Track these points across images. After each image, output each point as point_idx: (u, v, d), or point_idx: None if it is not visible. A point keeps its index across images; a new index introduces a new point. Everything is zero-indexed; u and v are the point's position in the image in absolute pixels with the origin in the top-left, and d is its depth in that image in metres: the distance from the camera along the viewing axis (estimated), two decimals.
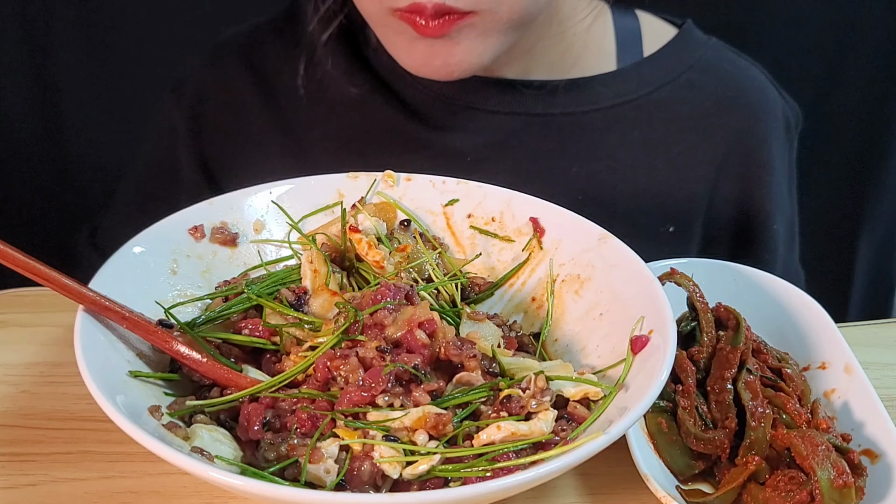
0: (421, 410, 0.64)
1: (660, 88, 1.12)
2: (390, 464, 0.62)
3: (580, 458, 0.57)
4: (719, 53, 1.18)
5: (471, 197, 0.88)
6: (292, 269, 0.80)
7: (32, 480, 0.70)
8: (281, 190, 0.87)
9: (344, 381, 0.66)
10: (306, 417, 0.65)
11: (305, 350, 0.71)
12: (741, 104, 1.14)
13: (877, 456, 0.71)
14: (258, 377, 0.70)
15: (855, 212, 1.60)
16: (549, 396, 0.67)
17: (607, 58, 1.15)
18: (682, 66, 1.14)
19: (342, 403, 0.65)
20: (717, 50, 1.18)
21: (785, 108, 1.19)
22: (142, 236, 0.77)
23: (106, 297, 0.68)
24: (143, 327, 0.69)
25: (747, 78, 1.18)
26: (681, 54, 1.15)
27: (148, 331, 0.69)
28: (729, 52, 1.19)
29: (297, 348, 0.72)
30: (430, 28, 0.93)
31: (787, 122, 1.19)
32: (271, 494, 0.55)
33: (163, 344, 0.69)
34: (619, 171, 1.11)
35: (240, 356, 0.73)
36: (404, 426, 0.63)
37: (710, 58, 1.16)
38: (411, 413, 0.63)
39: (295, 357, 0.71)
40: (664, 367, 0.64)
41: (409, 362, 0.66)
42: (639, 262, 0.76)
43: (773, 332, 0.83)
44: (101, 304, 0.67)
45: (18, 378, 0.80)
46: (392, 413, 0.64)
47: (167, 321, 0.72)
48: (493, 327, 0.75)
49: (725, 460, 0.71)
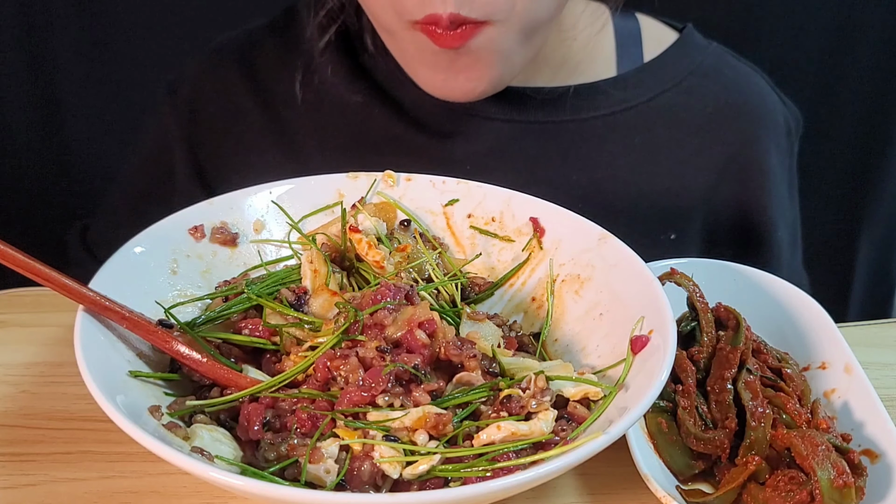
0: (421, 410, 0.64)
1: (661, 94, 1.12)
2: (390, 464, 0.61)
3: (580, 458, 0.57)
4: (720, 59, 1.17)
5: (471, 197, 0.88)
6: (292, 269, 0.80)
7: (32, 480, 0.70)
8: (281, 190, 0.87)
9: (344, 381, 0.66)
10: (306, 417, 0.65)
11: (305, 350, 0.71)
12: (742, 110, 1.14)
13: (877, 456, 0.71)
14: (258, 377, 0.70)
15: (855, 212, 1.61)
16: (549, 396, 0.67)
17: (607, 62, 1.15)
18: (683, 71, 1.14)
19: (342, 403, 0.65)
20: (717, 55, 1.17)
21: (786, 113, 1.19)
22: (142, 236, 0.77)
23: (106, 298, 0.68)
24: (143, 327, 0.69)
25: (748, 84, 1.18)
26: (682, 59, 1.15)
27: (148, 331, 0.69)
28: (730, 57, 1.19)
29: (297, 348, 0.72)
30: (447, 38, 0.92)
31: (787, 128, 1.19)
32: (271, 494, 0.55)
33: (163, 344, 0.69)
34: (620, 179, 1.10)
35: (240, 356, 0.73)
36: (404, 426, 0.63)
37: (710, 63, 1.16)
38: (411, 413, 0.63)
39: (295, 357, 0.71)
40: (664, 366, 0.64)
41: (410, 362, 0.66)
42: (639, 261, 0.76)
43: (773, 332, 0.83)
44: (101, 304, 0.67)
45: (18, 378, 0.80)
46: (392, 413, 0.64)
47: (167, 321, 0.72)
48: (493, 327, 0.75)
49: (725, 460, 0.71)
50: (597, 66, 1.14)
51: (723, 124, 1.13)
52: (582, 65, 1.13)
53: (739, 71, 1.18)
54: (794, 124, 1.20)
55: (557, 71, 1.12)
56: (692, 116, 1.12)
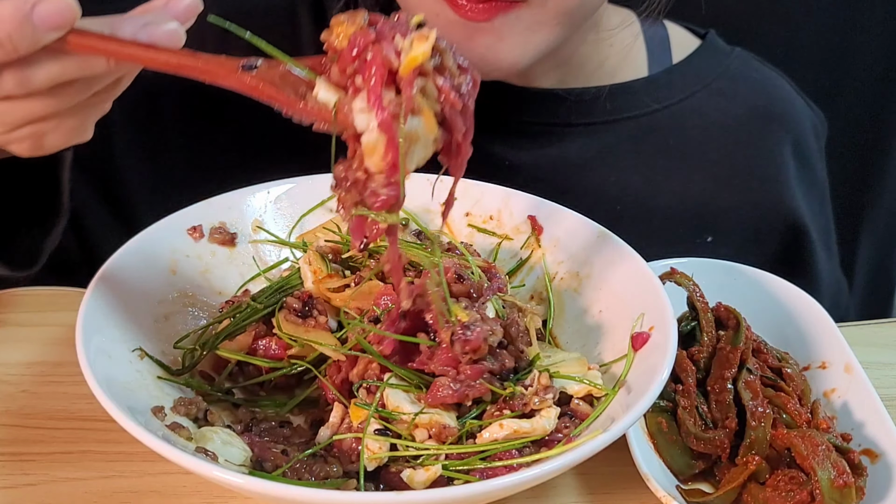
0: (428, 417, 0.64)
1: (692, 95, 1.11)
2: (370, 460, 0.62)
3: (581, 457, 0.58)
4: (746, 62, 1.17)
5: (468, 195, 0.88)
6: (291, 275, 0.80)
7: (32, 480, 0.70)
8: (280, 189, 0.86)
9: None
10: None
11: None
12: (773, 114, 1.14)
13: (877, 456, 0.71)
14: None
15: (855, 212, 1.60)
16: (553, 394, 0.67)
17: (639, 67, 1.14)
18: (711, 74, 1.13)
19: (433, 396, 0.64)
20: (743, 59, 1.17)
21: (812, 117, 1.18)
22: (141, 236, 0.77)
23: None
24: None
25: (775, 87, 1.17)
26: (709, 62, 1.14)
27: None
28: (754, 60, 1.18)
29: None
30: (472, 11, 0.86)
31: (815, 131, 1.18)
32: (273, 493, 0.55)
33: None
34: (656, 182, 1.09)
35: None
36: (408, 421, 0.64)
37: (737, 67, 1.15)
38: (421, 416, 0.64)
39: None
40: (665, 363, 0.64)
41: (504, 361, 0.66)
42: (638, 259, 0.76)
43: (773, 332, 0.83)
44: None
45: (18, 378, 0.80)
46: (405, 406, 0.64)
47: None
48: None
49: (725, 460, 0.71)
50: (630, 72, 1.13)
51: (754, 127, 1.12)
52: (617, 70, 1.12)
53: (766, 74, 1.18)
54: (821, 127, 1.20)
55: (594, 76, 1.10)
56: (725, 118, 1.11)
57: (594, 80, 1.10)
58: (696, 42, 1.18)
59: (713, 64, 1.14)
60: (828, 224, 1.21)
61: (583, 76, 1.10)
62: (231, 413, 0.72)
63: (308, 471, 0.64)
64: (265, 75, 0.59)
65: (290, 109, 0.59)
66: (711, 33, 1.18)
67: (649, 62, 1.14)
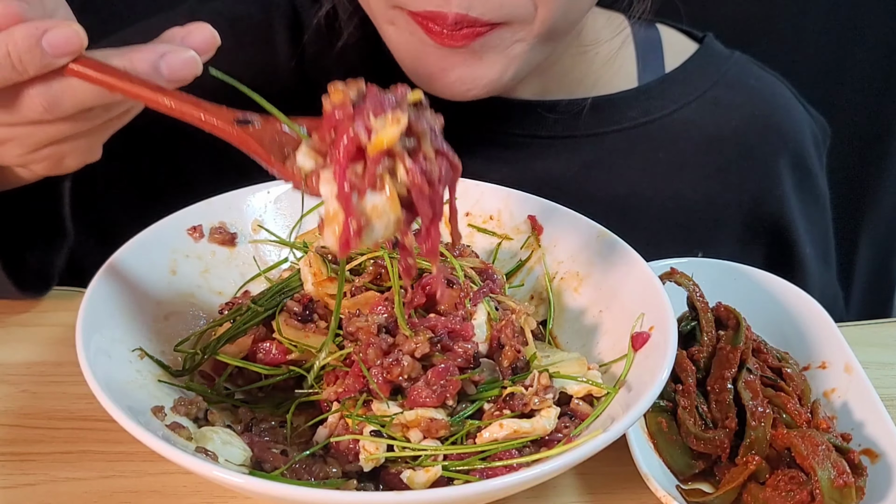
0: (415, 413, 0.64)
1: (684, 107, 1.08)
2: (367, 461, 0.63)
3: (581, 457, 0.58)
4: (744, 69, 1.13)
5: (468, 195, 0.88)
6: (291, 277, 0.79)
7: (32, 480, 0.69)
8: (280, 189, 0.86)
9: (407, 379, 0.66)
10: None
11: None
12: (770, 123, 1.10)
13: (877, 456, 0.71)
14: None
15: (855, 212, 1.60)
16: (553, 394, 0.68)
17: (628, 76, 1.10)
18: (706, 82, 1.09)
19: (411, 402, 0.64)
20: (741, 65, 1.13)
21: (812, 125, 1.15)
22: (141, 236, 0.77)
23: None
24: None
25: (774, 95, 1.13)
26: (704, 69, 1.11)
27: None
28: (754, 66, 1.15)
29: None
30: (449, 38, 0.84)
31: (815, 139, 1.15)
32: (273, 493, 0.55)
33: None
34: (644, 196, 1.06)
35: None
36: (399, 423, 0.64)
37: (735, 74, 1.11)
38: (406, 414, 0.64)
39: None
40: (665, 363, 0.64)
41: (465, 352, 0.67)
42: (638, 259, 0.76)
43: (773, 332, 0.83)
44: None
45: (18, 378, 0.80)
46: (389, 410, 0.64)
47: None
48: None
49: (725, 460, 0.71)
50: (618, 81, 1.09)
51: (749, 137, 1.08)
52: (602, 80, 1.08)
53: (765, 82, 1.14)
54: (822, 134, 1.16)
55: (578, 85, 1.07)
56: (718, 129, 1.08)
57: (579, 90, 1.07)
58: (693, 46, 1.14)
59: (709, 71, 1.11)
60: (826, 236, 1.18)
61: (566, 85, 1.07)
62: (231, 413, 0.72)
63: (307, 471, 0.64)
64: (256, 133, 0.61)
65: (270, 168, 0.61)
66: (709, 37, 1.15)
67: (640, 69, 1.11)
